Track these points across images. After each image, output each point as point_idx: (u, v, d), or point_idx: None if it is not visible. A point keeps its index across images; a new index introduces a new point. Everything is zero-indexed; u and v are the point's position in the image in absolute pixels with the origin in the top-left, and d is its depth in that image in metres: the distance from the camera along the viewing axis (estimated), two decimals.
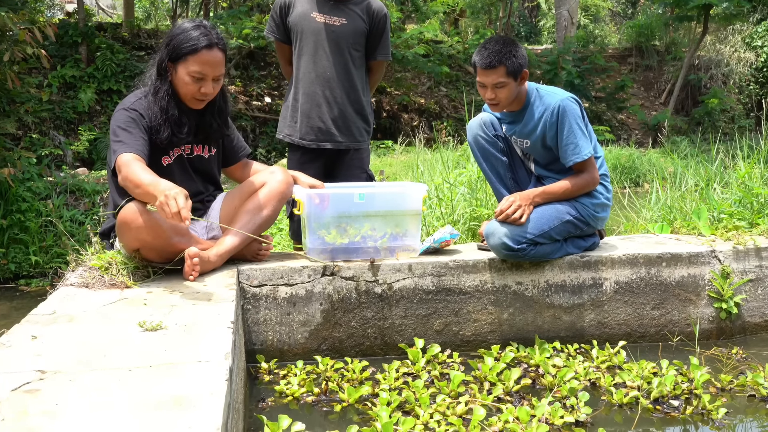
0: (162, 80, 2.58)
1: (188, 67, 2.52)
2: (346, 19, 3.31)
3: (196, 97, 2.58)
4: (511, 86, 2.78)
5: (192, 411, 1.39)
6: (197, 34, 2.52)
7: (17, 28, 5.00)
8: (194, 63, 2.51)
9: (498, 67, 2.75)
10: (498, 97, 2.80)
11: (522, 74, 2.80)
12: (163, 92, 2.56)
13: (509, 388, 2.46)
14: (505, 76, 2.76)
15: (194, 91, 2.56)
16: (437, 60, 13.71)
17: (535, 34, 24.16)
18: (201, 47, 2.51)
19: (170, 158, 2.66)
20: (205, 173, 2.84)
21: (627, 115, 15.47)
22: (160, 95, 2.56)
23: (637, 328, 3.01)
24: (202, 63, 2.52)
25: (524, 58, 2.80)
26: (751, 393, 2.49)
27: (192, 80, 2.53)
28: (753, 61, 15.75)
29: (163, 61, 2.57)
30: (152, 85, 2.59)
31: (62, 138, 9.72)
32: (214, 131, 2.76)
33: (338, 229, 2.79)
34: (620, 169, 9.62)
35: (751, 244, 3.15)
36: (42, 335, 1.87)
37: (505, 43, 2.78)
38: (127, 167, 2.35)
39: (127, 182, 2.35)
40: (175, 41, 2.54)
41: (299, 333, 2.74)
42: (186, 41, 2.52)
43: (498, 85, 2.77)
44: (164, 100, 2.56)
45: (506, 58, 2.74)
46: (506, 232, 2.75)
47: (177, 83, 2.58)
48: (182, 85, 2.56)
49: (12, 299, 4.84)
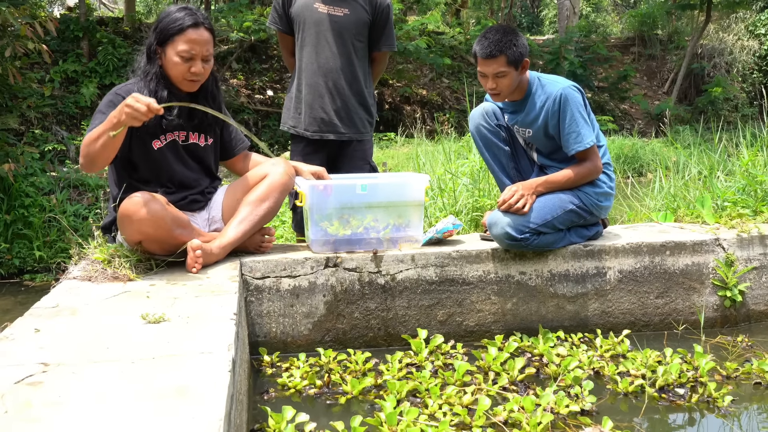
0: (151, 64, 2.61)
1: (176, 47, 2.55)
2: (349, 9, 3.29)
3: (186, 78, 2.59)
4: (512, 75, 2.77)
5: (195, 402, 1.38)
6: (182, 14, 2.57)
7: (18, 24, 5.00)
8: (182, 42, 2.55)
9: (498, 56, 2.73)
10: (499, 86, 2.79)
11: (523, 63, 2.79)
12: (152, 75, 2.60)
13: (514, 378, 2.46)
14: (505, 66, 2.75)
15: (184, 71, 2.57)
16: (439, 51, 13.68)
17: (537, 25, 24.08)
18: (187, 26, 2.54)
19: (161, 142, 2.67)
20: (201, 161, 2.83)
21: (630, 105, 15.43)
22: (149, 78, 2.60)
23: (641, 316, 3.00)
24: (190, 41, 2.55)
25: (525, 47, 2.79)
26: (756, 381, 2.48)
27: (181, 60, 2.56)
28: (756, 49, 15.69)
29: (152, 45, 2.61)
30: (142, 70, 2.63)
31: (65, 133, 9.72)
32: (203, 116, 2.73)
33: (341, 221, 2.78)
34: (623, 158, 9.60)
35: (755, 231, 3.14)
36: (45, 328, 1.87)
37: (506, 33, 2.77)
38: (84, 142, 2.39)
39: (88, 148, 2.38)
40: (162, 24, 2.58)
41: (302, 325, 2.74)
42: (172, 22, 2.56)
43: (499, 74, 2.76)
44: (153, 83, 2.60)
45: (506, 47, 2.73)
46: (509, 222, 2.75)
47: (167, 66, 2.60)
48: (172, 67, 2.59)
49: (16, 294, 4.86)
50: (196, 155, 2.79)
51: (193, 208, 2.78)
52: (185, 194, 2.73)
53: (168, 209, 2.42)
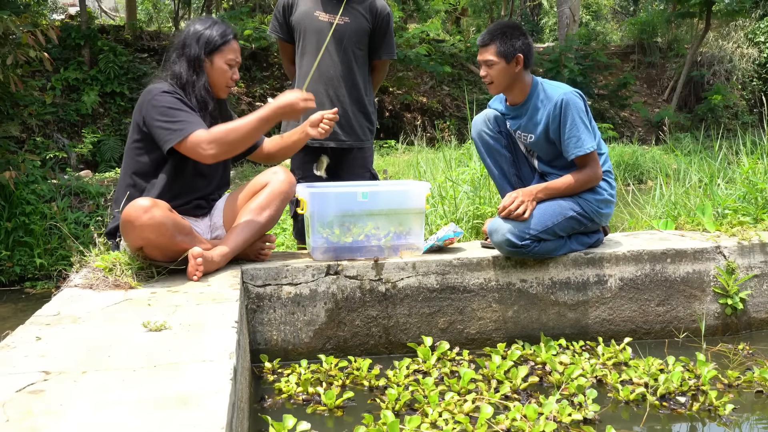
0: (198, 75, 2.70)
1: (225, 56, 2.73)
2: (350, 17, 3.30)
3: (228, 85, 2.77)
4: (501, 67, 2.80)
5: (196, 410, 1.38)
6: (224, 26, 2.76)
7: (20, 32, 5.01)
8: (229, 51, 2.74)
9: (489, 45, 2.81)
10: (489, 76, 2.85)
11: (516, 58, 2.80)
12: (201, 85, 2.70)
13: (517, 386, 2.45)
14: (495, 55, 2.79)
15: (228, 79, 2.75)
16: (439, 59, 13.71)
17: (537, 33, 24.13)
18: (231, 38, 2.75)
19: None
20: (225, 167, 2.92)
21: (630, 112, 15.44)
22: (198, 87, 2.69)
23: (643, 324, 3.00)
24: (234, 50, 2.76)
25: (523, 44, 2.81)
26: (758, 389, 2.48)
27: (228, 68, 2.74)
28: (756, 57, 15.72)
29: (199, 56, 2.69)
30: (184, 79, 2.69)
31: (66, 140, 9.74)
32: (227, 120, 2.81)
33: (342, 228, 2.78)
34: (623, 166, 9.59)
35: (756, 239, 3.14)
36: (46, 336, 1.87)
37: (506, 26, 2.84)
38: (215, 135, 2.53)
39: (231, 139, 2.55)
40: (206, 36, 2.71)
41: (304, 332, 2.74)
42: (218, 33, 2.72)
43: (488, 63, 2.83)
44: (202, 92, 2.69)
45: (498, 37, 2.80)
46: (510, 229, 2.75)
47: (213, 74, 2.73)
48: (219, 74, 2.73)
49: (17, 301, 4.85)
50: (220, 162, 2.82)
51: (197, 214, 2.79)
52: (189, 198, 2.74)
53: (170, 215, 2.42)
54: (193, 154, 2.56)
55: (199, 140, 2.52)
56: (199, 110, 2.67)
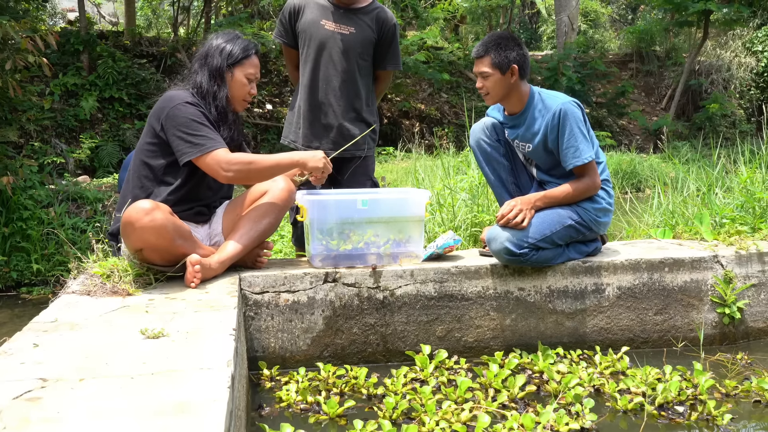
0: (219, 87, 2.72)
1: (245, 70, 2.76)
2: (355, 28, 3.30)
3: (246, 99, 2.80)
4: (496, 78, 2.81)
5: (194, 418, 1.38)
6: (247, 41, 2.79)
7: (19, 37, 5.01)
8: (249, 66, 2.77)
9: (484, 56, 2.82)
10: (485, 87, 2.86)
11: (511, 69, 2.80)
12: (222, 96, 2.72)
13: (514, 395, 2.45)
14: (489, 67, 2.80)
15: (245, 93, 2.79)
16: (438, 66, 13.72)
17: (536, 41, 24.19)
18: (253, 53, 2.78)
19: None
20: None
21: (628, 121, 15.47)
22: (220, 98, 2.71)
23: (640, 333, 3.00)
24: (255, 66, 2.80)
25: (518, 54, 2.81)
26: (756, 398, 2.48)
27: (248, 82, 2.77)
28: (753, 66, 15.76)
29: (221, 67, 2.72)
30: (205, 89, 2.71)
31: (64, 146, 9.73)
32: (239, 134, 2.86)
33: (341, 236, 2.78)
34: (621, 174, 9.60)
35: (754, 248, 3.15)
36: (43, 343, 1.86)
37: (500, 37, 2.83)
38: (237, 160, 2.58)
39: (251, 168, 2.62)
40: (229, 48, 2.74)
41: (301, 340, 2.74)
42: (241, 47, 2.75)
43: (483, 74, 2.84)
44: (222, 103, 2.72)
45: (492, 49, 2.80)
46: (508, 237, 2.75)
47: (233, 86, 2.75)
48: (239, 88, 2.76)
49: (14, 307, 4.84)
50: None
51: (198, 220, 2.79)
52: (192, 205, 2.74)
53: (171, 219, 2.42)
54: (210, 170, 2.59)
55: (220, 159, 2.56)
56: (219, 121, 2.70)
